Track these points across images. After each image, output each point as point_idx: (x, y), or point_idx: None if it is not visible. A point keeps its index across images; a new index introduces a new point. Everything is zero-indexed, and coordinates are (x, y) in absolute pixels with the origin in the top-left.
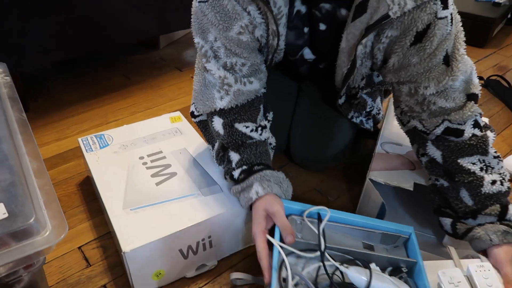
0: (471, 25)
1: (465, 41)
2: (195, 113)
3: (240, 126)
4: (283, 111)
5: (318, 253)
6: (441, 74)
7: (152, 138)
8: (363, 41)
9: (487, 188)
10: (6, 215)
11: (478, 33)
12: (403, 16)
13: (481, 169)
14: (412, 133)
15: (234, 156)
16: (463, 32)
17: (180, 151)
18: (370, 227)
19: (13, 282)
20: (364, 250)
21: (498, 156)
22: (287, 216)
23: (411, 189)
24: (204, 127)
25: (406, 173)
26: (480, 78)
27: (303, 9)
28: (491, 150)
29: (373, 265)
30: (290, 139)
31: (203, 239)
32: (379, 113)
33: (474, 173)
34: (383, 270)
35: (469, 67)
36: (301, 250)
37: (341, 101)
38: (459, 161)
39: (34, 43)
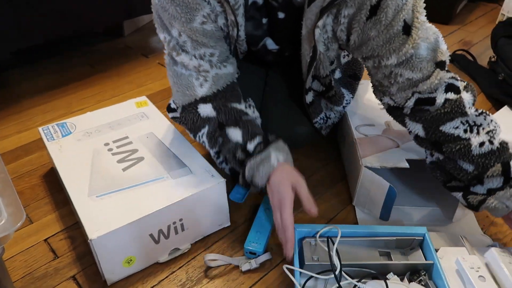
0: (436, 2)
1: (431, 19)
2: (172, 105)
3: (234, 104)
4: (253, 96)
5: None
6: (401, 44)
7: (118, 124)
8: (319, 23)
9: (476, 151)
10: None
11: (443, 10)
12: None
13: (465, 131)
14: (390, 111)
15: (235, 132)
16: (422, 1)
17: (147, 135)
18: (383, 235)
19: None
20: (380, 261)
21: (482, 113)
22: (301, 239)
23: (408, 166)
24: (184, 120)
25: (394, 152)
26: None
27: (259, 0)
28: (471, 110)
29: (390, 275)
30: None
31: (174, 223)
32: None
33: (459, 137)
34: (402, 276)
35: (431, 34)
36: (319, 273)
37: (308, 98)
38: (441, 128)
39: None
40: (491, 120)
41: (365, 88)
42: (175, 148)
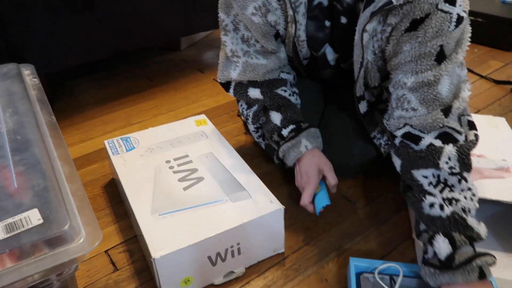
0: (498, 28)
1: (490, 44)
2: (218, 80)
3: (279, 90)
4: (310, 115)
5: None
6: (427, 69)
7: (178, 141)
8: (368, 27)
9: (426, 210)
10: (41, 221)
11: (505, 36)
12: (405, 4)
13: (430, 183)
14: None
15: (276, 116)
16: (468, 43)
17: (206, 155)
18: None
19: None
20: None
21: (458, 173)
22: (359, 274)
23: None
24: (238, 98)
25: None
26: (509, 82)
27: (325, 1)
28: (445, 165)
29: None
30: None
31: (232, 246)
32: None
33: (421, 187)
34: None
35: (456, 77)
36: None
37: (362, 108)
38: (413, 172)
39: (61, 45)
40: (468, 188)
41: None
42: (234, 170)
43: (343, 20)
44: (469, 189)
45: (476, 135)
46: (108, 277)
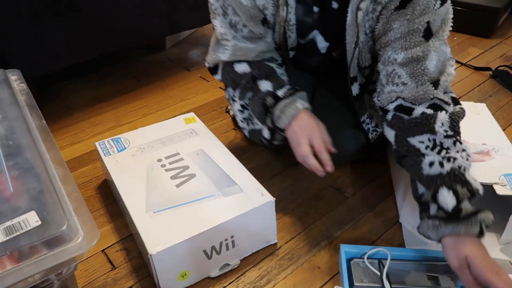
0: (477, 16)
1: (470, 32)
2: (206, 65)
3: (266, 62)
4: None
5: None
6: (415, 45)
7: (169, 140)
8: (362, 5)
9: (426, 170)
10: (39, 222)
11: (484, 23)
12: None
13: (427, 147)
14: (381, 116)
15: (266, 84)
16: (451, 23)
17: (196, 152)
18: (433, 259)
19: None
20: (428, 285)
21: (452, 136)
22: (349, 259)
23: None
24: (224, 78)
25: None
26: (488, 68)
27: None
28: (440, 129)
29: None
30: None
31: (226, 239)
32: None
33: (418, 151)
34: None
35: (442, 53)
36: None
37: (354, 90)
38: (408, 139)
39: (46, 48)
40: (463, 150)
41: None
42: (225, 166)
43: (335, 5)
44: (464, 150)
45: (462, 109)
46: (106, 275)
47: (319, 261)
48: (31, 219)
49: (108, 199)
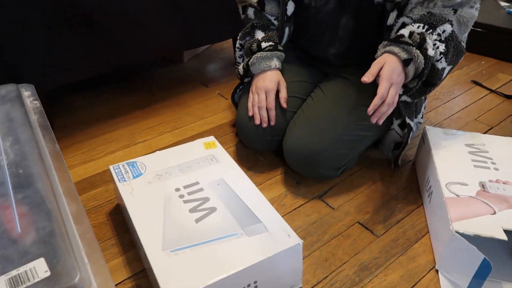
0: (504, 40)
1: (500, 57)
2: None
3: (267, 14)
4: (293, 99)
5: None
6: None
7: (187, 166)
8: None
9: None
10: (48, 273)
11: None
12: None
13: (415, 21)
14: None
15: (259, 33)
16: None
17: (217, 182)
18: None
19: None
20: None
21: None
22: None
23: (506, 238)
24: (241, 34)
25: (489, 219)
26: None
27: None
28: (439, 28)
29: None
30: (288, 128)
31: (248, 285)
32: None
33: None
34: None
35: None
36: None
37: (391, 17)
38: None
39: (60, 61)
40: (440, 39)
41: (458, 140)
42: (248, 199)
43: None
44: (440, 39)
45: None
46: None
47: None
48: (40, 268)
49: (120, 227)
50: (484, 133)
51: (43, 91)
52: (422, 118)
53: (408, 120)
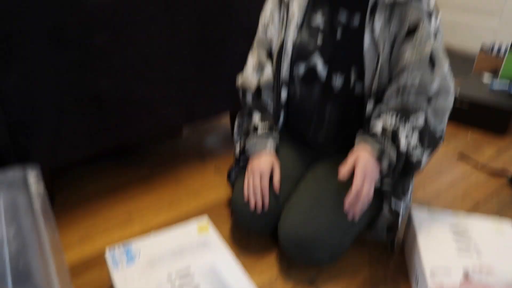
0: (488, 113)
1: (485, 128)
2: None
3: (264, 100)
4: (286, 180)
5: None
6: (430, 74)
7: (180, 251)
8: (376, 16)
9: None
10: None
11: (496, 121)
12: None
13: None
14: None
15: (257, 116)
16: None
17: (209, 269)
18: None
19: None
20: None
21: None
22: None
23: None
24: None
25: None
26: (505, 173)
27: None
28: (412, 118)
29: None
30: (282, 213)
31: None
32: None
33: (388, 107)
34: None
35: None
36: None
37: (369, 107)
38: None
39: (67, 140)
40: (409, 132)
41: (442, 222)
42: (237, 287)
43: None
44: (409, 132)
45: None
46: None
47: None
48: None
49: None
50: (471, 209)
51: (49, 168)
52: (410, 200)
53: (394, 207)
